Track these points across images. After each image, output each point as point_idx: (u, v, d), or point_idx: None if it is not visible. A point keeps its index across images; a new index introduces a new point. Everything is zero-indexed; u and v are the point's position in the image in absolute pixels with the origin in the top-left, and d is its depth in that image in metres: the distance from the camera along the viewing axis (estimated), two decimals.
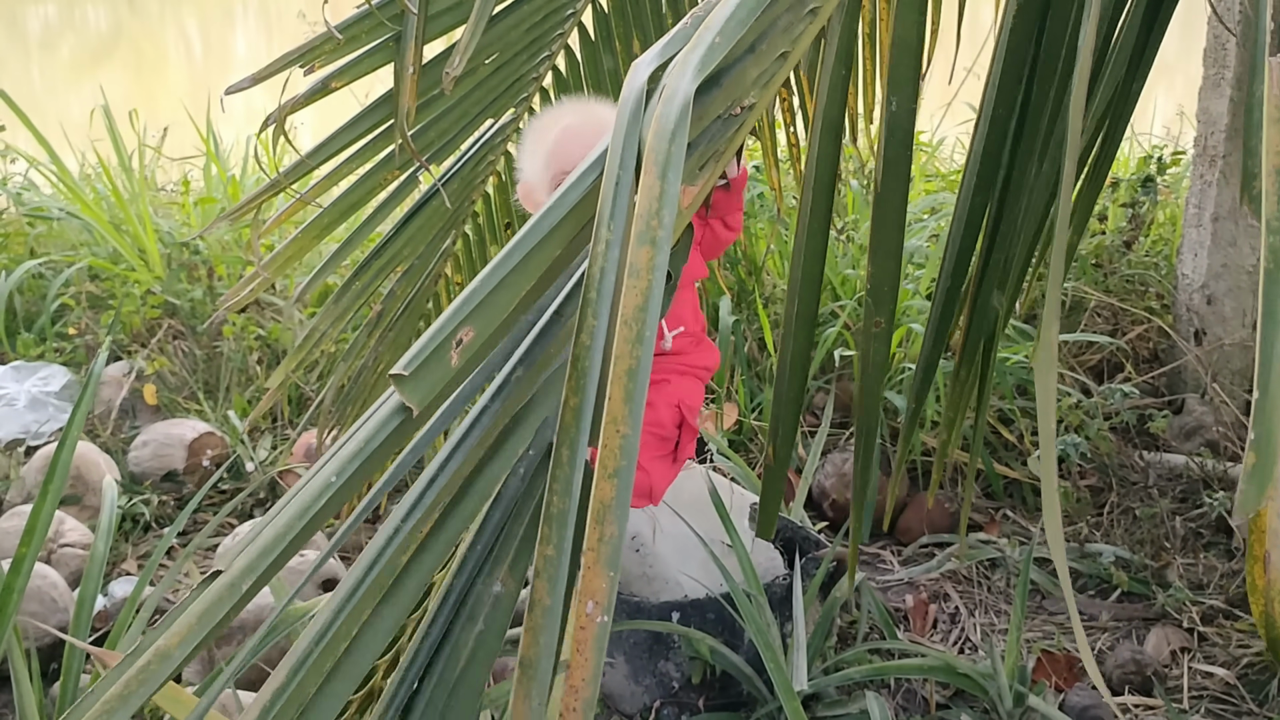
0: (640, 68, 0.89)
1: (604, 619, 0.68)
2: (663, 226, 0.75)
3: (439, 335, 0.77)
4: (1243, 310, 3.76)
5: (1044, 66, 1.51)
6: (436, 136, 2.42)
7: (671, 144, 0.79)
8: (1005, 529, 3.37)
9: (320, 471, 0.76)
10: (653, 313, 0.72)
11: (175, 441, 3.38)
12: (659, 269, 0.73)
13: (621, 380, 0.71)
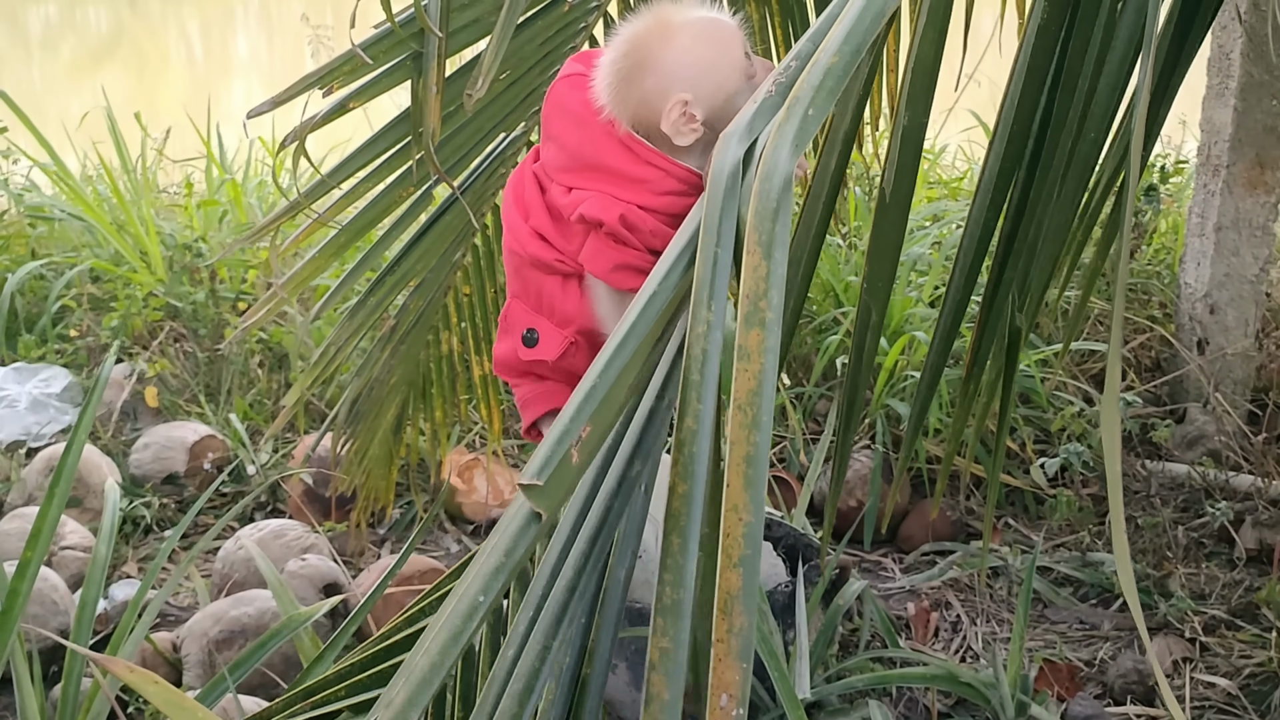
0: (731, 142, 0.89)
1: (739, 712, 0.67)
2: (771, 308, 0.75)
3: (563, 440, 0.76)
4: (1245, 320, 3.78)
5: (1064, 85, 1.52)
6: (451, 152, 2.43)
7: (776, 223, 0.79)
8: (1007, 537, 3.38)
9: (467, 591, 0.75)
10: (767, 397, 0.72)
11: (176, 444, 3.38)
12: (770, 352, 0.73)
13: (740, 467, 0.71)
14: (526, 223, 1.47)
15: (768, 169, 0.83)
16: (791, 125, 0.85)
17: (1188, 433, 3.67)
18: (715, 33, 1.40)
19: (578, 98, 1.43)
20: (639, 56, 1.39)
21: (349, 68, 2.17)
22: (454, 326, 2.81)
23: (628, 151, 1.38)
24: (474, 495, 3.38)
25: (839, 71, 0.88)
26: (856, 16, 0.92)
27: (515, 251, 1.50)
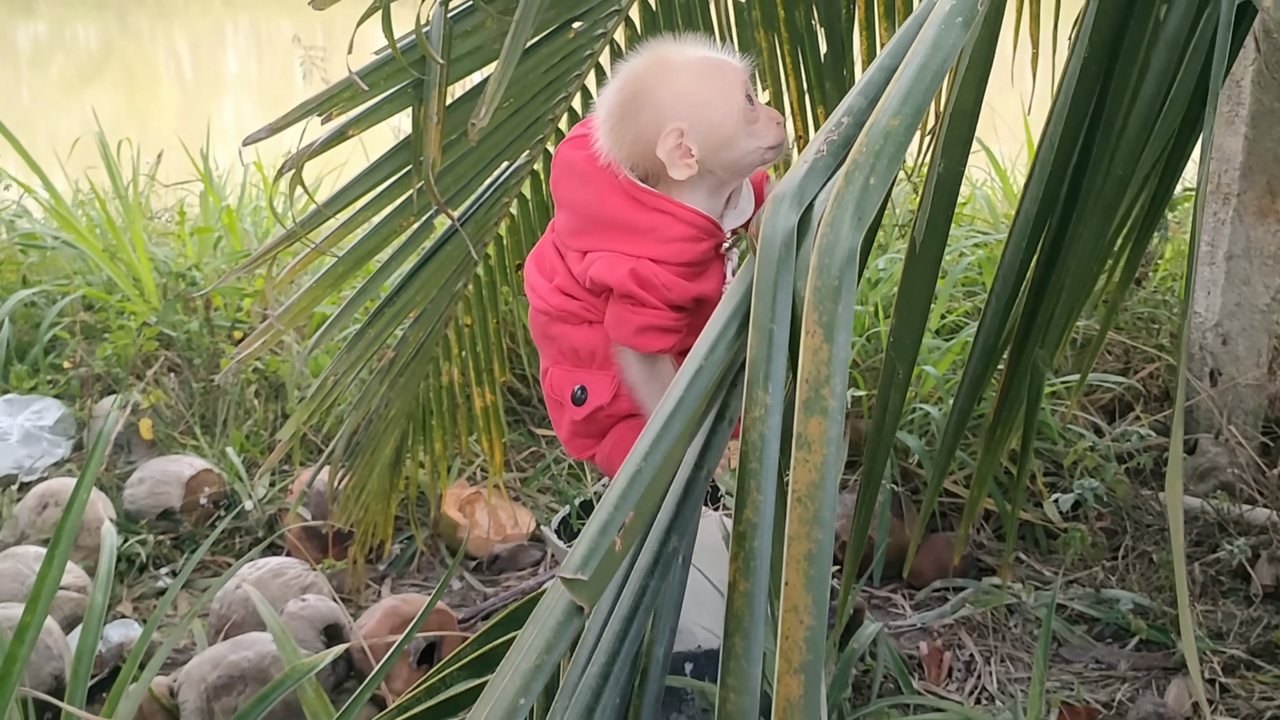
0: (781, 206, 0.83)
1: None
2: (834, 395, 0.69)
3: (607, 529, 0.70)
4: (1257, 350, 3.72)
5: (1104, 124, 1.46)
6: (453, 181, 2.37)
7: (839, 303, 0.73)
8: (1019, 573, 3.32)
9: (503, 691, 0.69)
10: (830, 491, 0.66)
11: (172, 479, 3.30)
12: (833, 442, 0.67)
13: (800, 565, 0.65)
14: (551, 282, 1.44)
15: (828, 243, 0.78)
16: (852, 195, 0.80)
17: (1199, 464, 3.61)
18: (715, 72, 1.36)
19: (581, 155, 1.40)
20: (635, 90, 1.36)
21: (349, 94, 2.11)
22: (455, 357, 2.75)
23: (630, 199, 1.35)
24: (475, 530, 3.31)
25: (900, 136, 0.83)
26: (915, 74, 0.86)
27: (541, 311, 1.45)
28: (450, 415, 2.79)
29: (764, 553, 0.69)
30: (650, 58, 1.38)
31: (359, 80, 2.02)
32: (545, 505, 3.55)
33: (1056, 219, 1.52)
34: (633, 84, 1.36)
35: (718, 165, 1.37)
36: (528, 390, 3.85)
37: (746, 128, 1.34)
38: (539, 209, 2.59)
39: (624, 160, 1.36)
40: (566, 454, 1.91)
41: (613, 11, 2.44)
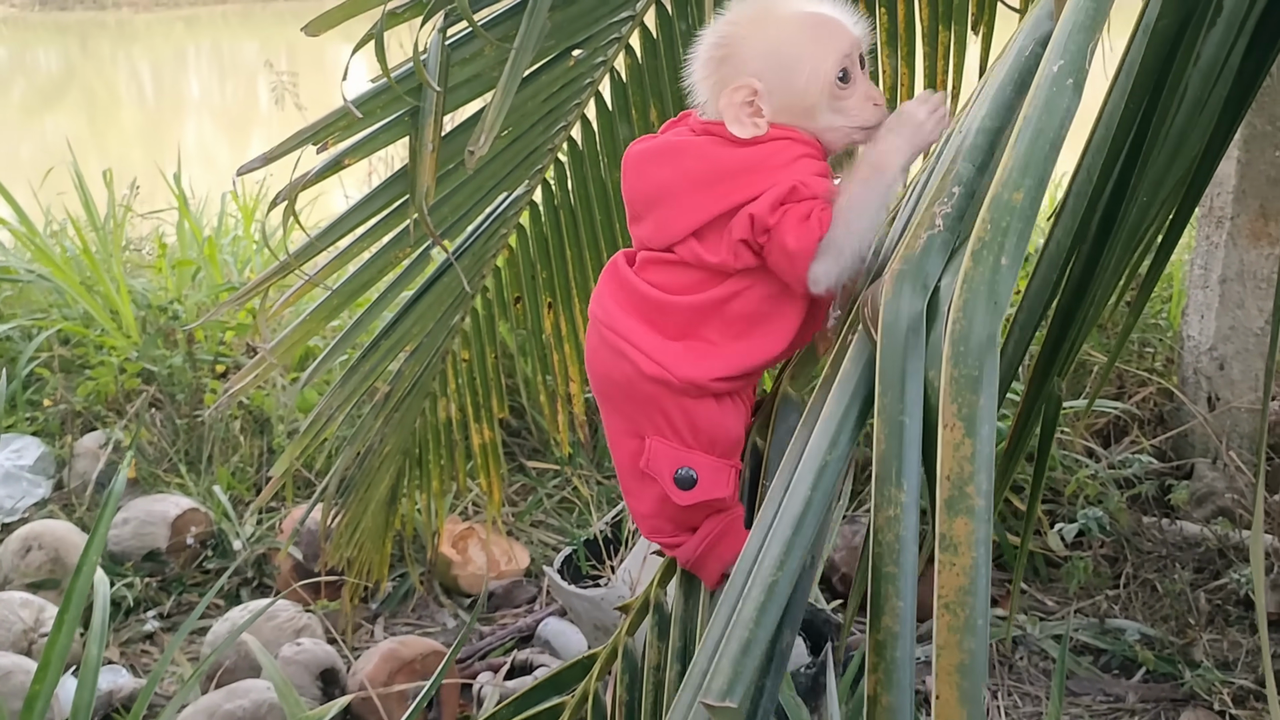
0: (903, 287, 0.78)
1: None
2: (980, 494, 0.64)
3: (750, 651, 0.66)
4: (1252, 373, 3.70)
5: (1142, 157, 1.43)
6: (450, 212, 2.32)
7: (980, 394, 0.69)
8: (1022, 603, 3.27)
9: None
10: (981, 597, 0.61)
11: (157, 519, 3.22)
12: (982, 544, 0.62)
13: (952, 677, 0.59)
14: (665, 336, 1.22)
15: (962, 330, 0.74)
16: (983, 277, 0.76)
17: (1197, 489, 3.58)
18: (815, 31, 1.19)
19: (656, 143, 1.23)
20: (724, 36, 1.20)
21: (344, 123, 2.06)
22: (451, 393, 2.69)
23: (727, 145, 1.18)
24: (470, 567, 3.24)
25: (1026, 211, 0.79)
26: (1032, 142, 0.82)
27: (654, 377, 1.23)
28: (448, 452, 2.73)
29: (906, 663, 0.64)
30: (755, 3, 1.22)
31: (354, 109, 1.96)
32: (539, 540, 3.48)
33: (1088, 247, 1.48)
34: (726, 29, 1.21)
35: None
36: (518, 422, 3.79)
37: (832, 101, 1.19)
38: (538, 240, 2.54)
39: (711, 112, 1.19)
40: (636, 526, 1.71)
41: (613, 39, 2.40)
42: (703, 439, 1.25)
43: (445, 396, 2.69)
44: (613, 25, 2.38)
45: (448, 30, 2.05)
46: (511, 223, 2.53)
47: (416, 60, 1.94)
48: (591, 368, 1.29)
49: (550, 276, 2.57)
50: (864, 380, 0.82)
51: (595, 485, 3.59)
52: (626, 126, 2.47)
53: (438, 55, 2.03)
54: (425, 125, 2.03)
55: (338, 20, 2.01)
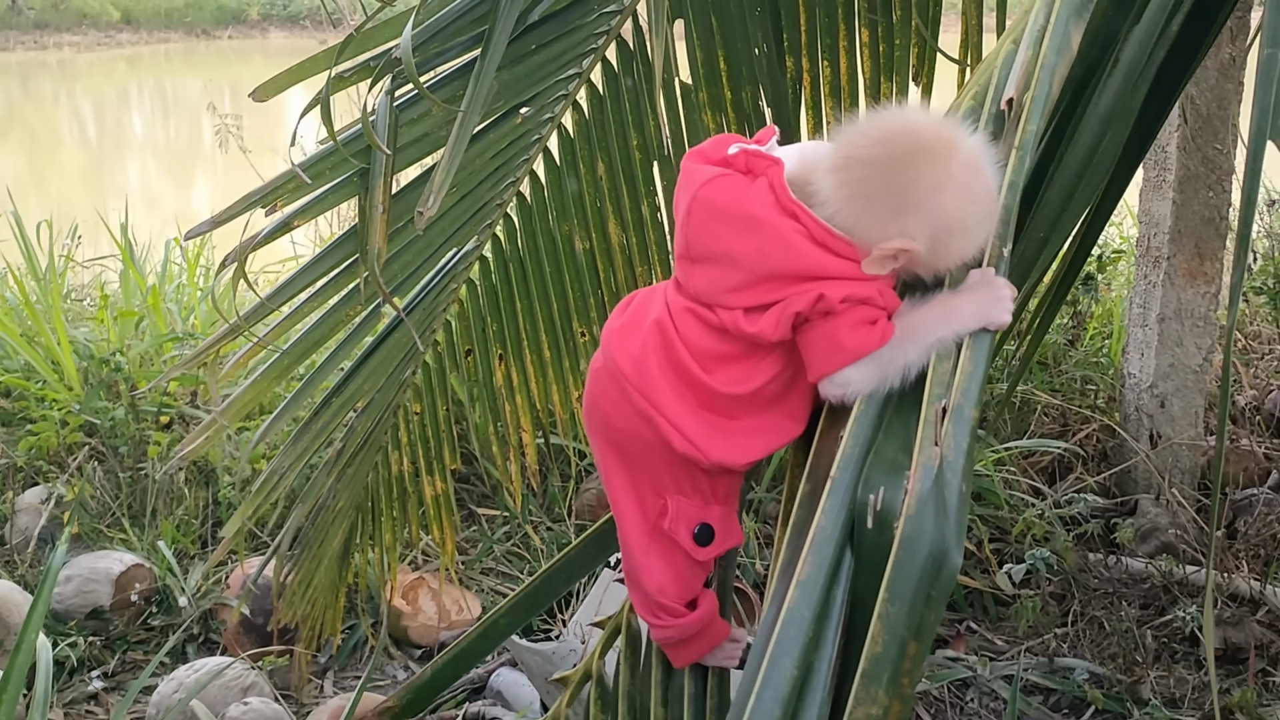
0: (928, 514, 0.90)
1: None
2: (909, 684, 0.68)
3: None
4: (1192, 410, 3.77)
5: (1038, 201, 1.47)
6: (400, 269, 2.32)
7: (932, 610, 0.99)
8: (971, 643, 3.30)
9: None
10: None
11: (101, 576, 3.17)
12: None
13: None
14: (687, 415, 1.21)
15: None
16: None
17: (1140, 525, 3.63)
18: (989, 206, 1.14)
19: (739, 198, 1.18)
20: (900, 169, 1.14)
21: (293, 184, 2.06)
22: (404, 446, 2.68)
23: (819, 246, 1.15)
24: (420, 617, 3.22)
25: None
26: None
27: (687, 455, 1.23)
28: (400, 504, 2.72)
29: None
30: (936, 138, 1.15)
31: (302, 174, 1.96)
32: (490, 588, 3.47)
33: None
34: (902, 159, 1.14)
35: (908, 272, 1.20)
36: (468, 469, 3.77)
37: (950, 267, 1.17)
38: (488, 294, 2.55)
39: (832, 215, 1.16)
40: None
41: (560, 96, 2.42)
42: (720, 492, 1.28)
43: (397, 450, 2.67)
44: (560, 82, 2.40)
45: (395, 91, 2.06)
46: (462, 277, 2.53)
47: (366, 124, 1.95)
48: (606, 419, 1.27)
49: (501, 329, 2.58)
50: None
51: (546, 531, 3.57)
52: (575, 181, 2.48)
53: (386, 117, 2.03)
54: (375, 187, 2.03)
55: (285, 85, 2.02)
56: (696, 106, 2.49)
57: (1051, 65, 1.10)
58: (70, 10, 23.81)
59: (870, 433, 1.06)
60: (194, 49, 22.42)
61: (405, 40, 1.88)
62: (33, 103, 17.14)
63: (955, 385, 1.02)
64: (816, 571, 0.99)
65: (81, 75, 20.53)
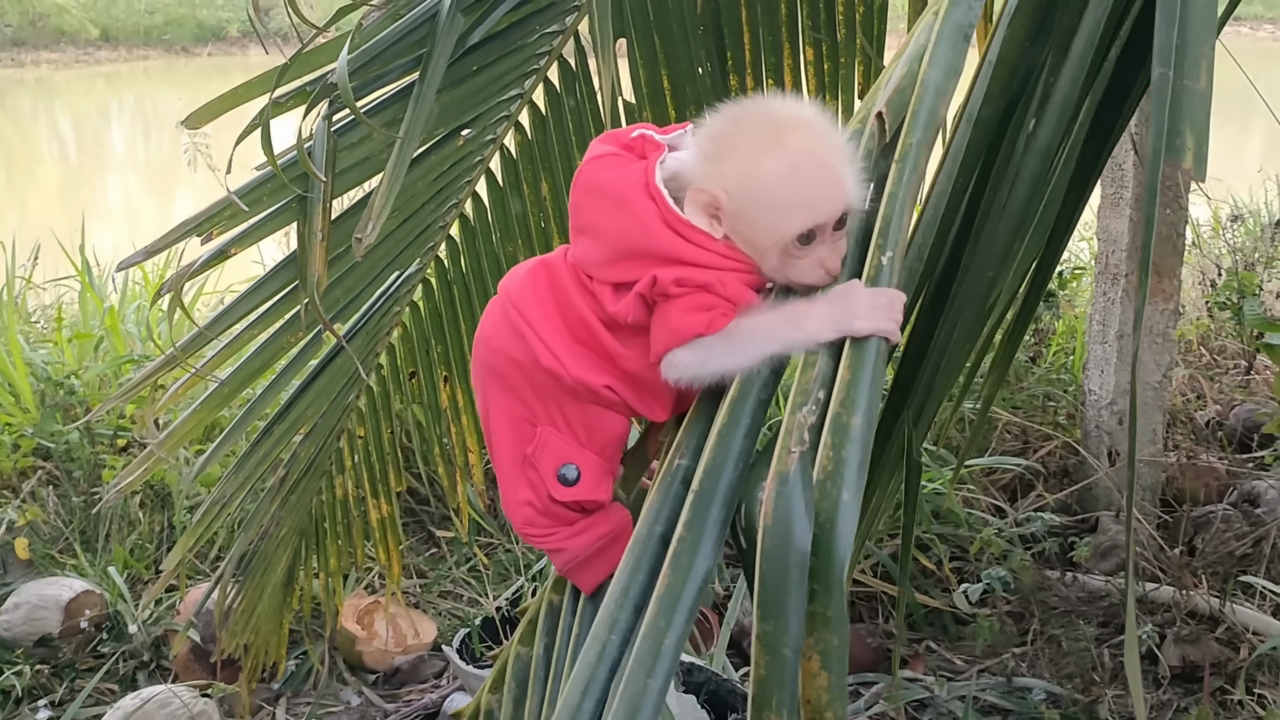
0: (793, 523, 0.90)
1: None
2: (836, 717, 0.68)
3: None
4: (1151, 428, 3.77)
5: (974, 236, 1.45)
6: (343, 294, 2.30)
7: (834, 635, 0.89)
8: (930, 663, 3.28)
9: None
10: None
11: (50, 603, 3.13)
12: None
13: None
14: (573, 337, 1.22)
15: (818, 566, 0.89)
16: (828, 513, 0.90)
17: (1101, 543, 3.63)
18: (805, 188, 1.13)
19: (613, 176, 1.20)
20: (730, 137, 1.15)
21: (229, 213, 2.04)
22: (348, 470, 2.66)
23: (672, 232, 1.15)
24: (374, 642, 3.19)
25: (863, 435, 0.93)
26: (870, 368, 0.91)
27: (550, 370, 1.23)
28: (345, 529, 2.69)
29: None
30: (780, 118, 1.15)
31: (239, 201, 1.95)
32: (448, 612, 3.44)
33: (924, 322, 1.50)
34: (734, 129, 1.15)
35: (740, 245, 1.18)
36: (425, 490, 3.75)
37: (783, 255, 1.15)
38: (432, 316, 2.53)
39: (687, 183, 1.16)
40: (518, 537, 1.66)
41: (503, 118, 2.40)
42: (595, 441, 1.26)
43: (342, 474, 2.65)
44: (501, 104, 2.39)
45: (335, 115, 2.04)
46: (405, 300, 2.51)
47: (301, 153, 1.93)
48: (487, 342, 1.27)
49: (445, 350, 2.56)
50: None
51: (504, 553, 3.55)
52: (519, 201, 2.47)
53: (324, 142, 2.02)
54: (314, 214, 2.01)
55: (219, 111, 2.00)
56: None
57: (936, 82, 1.08)
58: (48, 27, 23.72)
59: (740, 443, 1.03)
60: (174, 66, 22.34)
61: (341, 66, 1.87)
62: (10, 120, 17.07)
63: (835, 394, 0.99)
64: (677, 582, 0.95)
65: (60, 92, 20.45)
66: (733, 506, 0.99)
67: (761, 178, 1.13)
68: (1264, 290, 4.87)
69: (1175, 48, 0.99)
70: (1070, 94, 1.34)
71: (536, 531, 1.30)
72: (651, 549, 1.02)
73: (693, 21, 2.42)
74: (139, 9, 23.60)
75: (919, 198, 1.28)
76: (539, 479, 1.26)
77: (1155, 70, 0.99)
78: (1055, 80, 1.35)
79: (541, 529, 1.29)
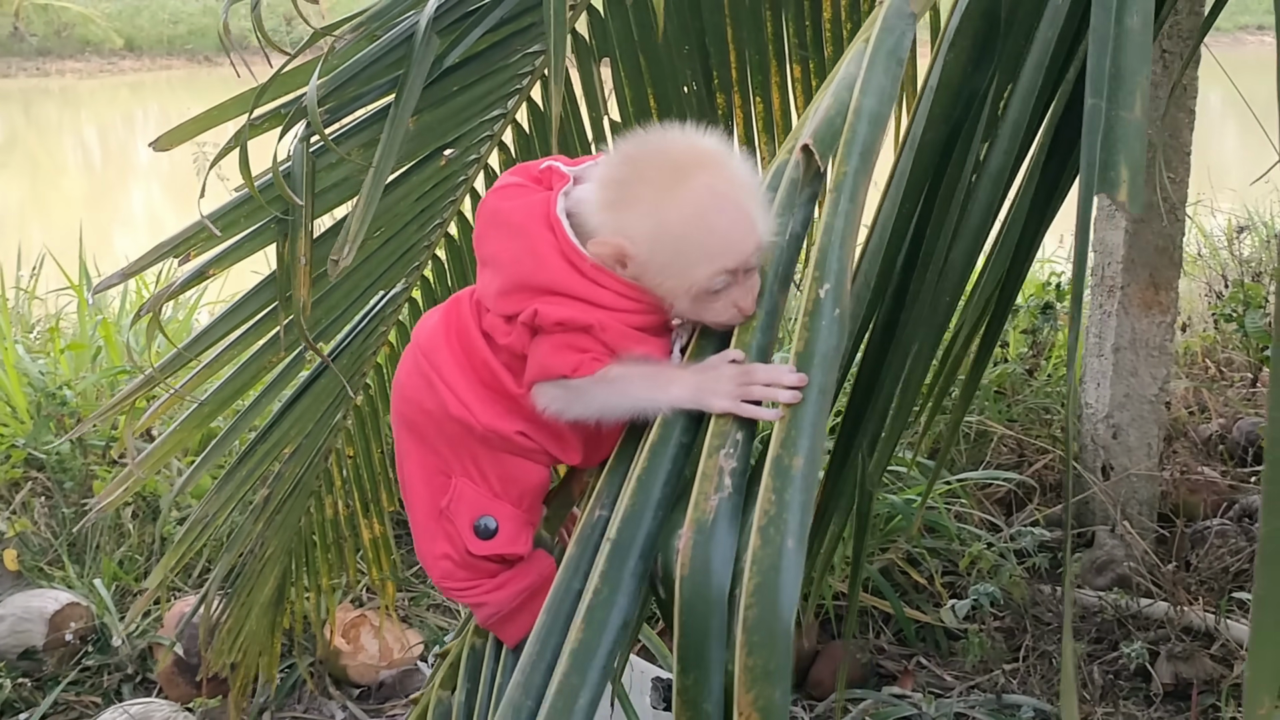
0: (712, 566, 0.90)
1: None
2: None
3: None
4: (1147, 441, 3.74)
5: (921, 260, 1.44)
6: (325, 313, 2.30)
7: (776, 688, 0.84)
8: (920, 679, 3.27)
9: None
10: None
11: (35, 615, 3.13)
12: None
13: None
14: (480, 379, 1.19)
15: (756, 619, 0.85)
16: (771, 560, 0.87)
17: (1096, 558, 3.61)
18: (715, 235, 1.09)
19: (514, 206, 1.17)
20: (631, 181, 1.12)
21: (207, 233, 2.04)
22: (338, 489, 2.65)
23: (569, 265, 1.13)
24: (360, 655, 3.19)
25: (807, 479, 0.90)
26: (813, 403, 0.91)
27: (461, 419, 1.19)
28: (336, 548, 2.69)
29: None
30: (679, 159, 1.11)
31: (211, 225, 1.94)
32: (435, 625, 3.43)
33: (876, 349, 1.48)
34: (634, 172, 1.12)
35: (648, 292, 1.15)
36: None
37: (695, 300, 1.12)
38: None
39: (584, 229, 1.13)
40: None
41: (486, 137, 2.40)
42: (512, 491, 1.23)
43: (331, 493, 2.64)
44: (485, 123, 2.39)
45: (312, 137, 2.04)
46: (391, 320, 2.51)
47: (277, 173, 1.93)
48: (400, 391, 1.26)
49: None
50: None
51: None
52: None
53: (302, 163, 2.01)
54: (295, 237, 2.01)
55: (193, 133, 2.00)
56: None
57: (870, 110, 1.06)
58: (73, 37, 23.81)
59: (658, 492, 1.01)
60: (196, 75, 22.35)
61: (311, 92, 1.87)
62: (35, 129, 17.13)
63: (775, 435, 0.97)
64: (592, 638, 0.93)
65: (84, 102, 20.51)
66: (652, 557, 0.97)
67: (667, 226, 1.10)
68: (1270, 302, 4.84)
69: (1109, 77, 0.97)
70: (1022, 117, 1.33)
71: (456, 585, 1.27)
72: (569, 607, 1.00)
73: (677, 40, 2.41)
74: (163, 19, 23.66)
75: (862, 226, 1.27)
76: (455, 532, 1.23)
77: (1088, 100, 0.97)
78: (1005, 104, 1.33)
79: (461, 582, 1.26)
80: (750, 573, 0.87)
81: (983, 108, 1.32)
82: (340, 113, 2.08)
